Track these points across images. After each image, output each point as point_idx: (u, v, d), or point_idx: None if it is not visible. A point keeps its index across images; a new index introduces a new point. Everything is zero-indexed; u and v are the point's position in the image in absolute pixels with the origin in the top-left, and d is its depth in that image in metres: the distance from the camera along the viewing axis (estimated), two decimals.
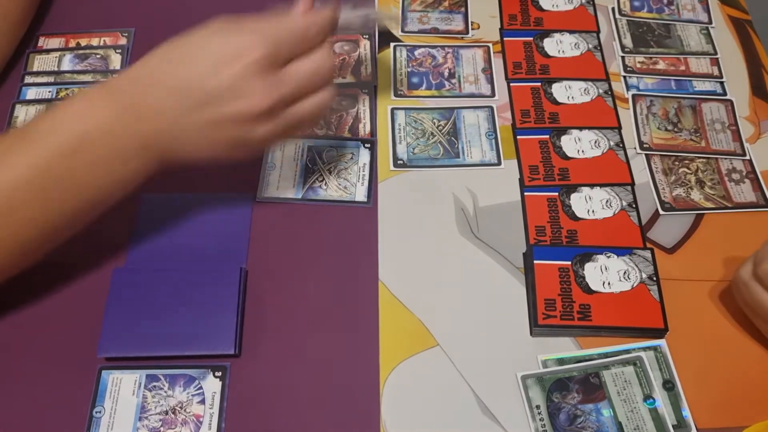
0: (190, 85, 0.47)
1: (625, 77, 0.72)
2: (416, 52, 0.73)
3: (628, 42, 0.74)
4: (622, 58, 0.73)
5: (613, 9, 0.77)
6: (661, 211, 0.62)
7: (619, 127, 0.67)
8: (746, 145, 0.67)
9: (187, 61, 0.47)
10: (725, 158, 0.66)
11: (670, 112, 0.69)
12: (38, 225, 0.48)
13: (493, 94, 0.70)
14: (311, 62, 0.49)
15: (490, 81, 0.71)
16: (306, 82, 0.50)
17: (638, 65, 0.72)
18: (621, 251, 0.59)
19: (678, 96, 0.70)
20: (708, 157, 0.66)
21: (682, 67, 0.72)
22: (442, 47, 0.74)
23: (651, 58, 0.73)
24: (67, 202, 0.48)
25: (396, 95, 0.70)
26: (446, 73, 0.72)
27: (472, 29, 0.75)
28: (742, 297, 0.53)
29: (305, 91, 0.50)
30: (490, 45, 0.74)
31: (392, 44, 0.74)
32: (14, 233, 0.47)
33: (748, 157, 0.66)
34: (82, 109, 0.47)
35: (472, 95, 0.70)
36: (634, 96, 0.70)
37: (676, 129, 0.68)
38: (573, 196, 0.62)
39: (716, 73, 0.72)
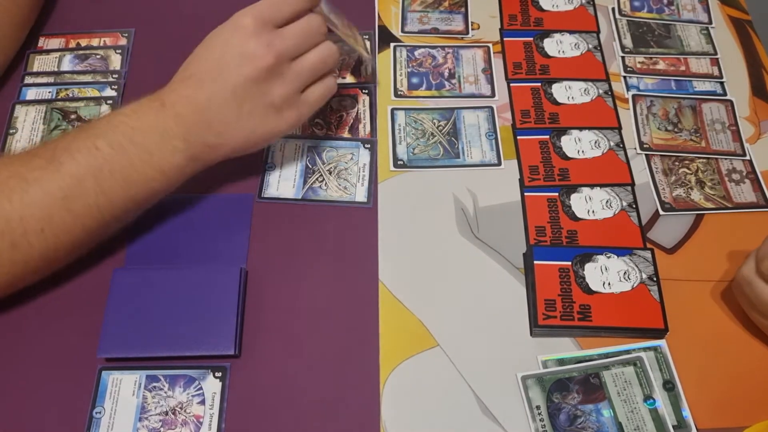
0: (207, 69, 0.54)
1: (625, 77, 0.72)
2: (416, 53, 0.73)
3: (628, 42, 0.74)
4: (622, 58, 0.73)
5: (613, 9, 0.77)
6: (661, 212, 0.62)
7: (619, 128, 0.67)
8: (746, 145, 0.67)
9: (203, 54, 0.56)
10: (725, 158, 0.66)
11: (670, 113, 0.69)
12: (96, 214, 0.52)
13: (493, 95, 0.70)
14: (303, 21, 0.56)
15: (490, 81, 0.71)
16: (300, 35, 0.56)
17: (638, 65, 0.72)
18: (621, 251, 0.59)
19: (678, 96, 0.70)
20: (708, 158, 0.66)
21: (682, 68, 0.72)
22: (442, 47, 0.74)
23: (651, 58, 0.73)
24: (119, 192, 0.53)
25: (396, 95, 0.70)
26: (446, 74, 0.72)
27: (472, 29, 0.75)
28: (745, 295, 0.53)
29: (302, 44, 0.56)
30: (490, 45, 0.74)
31: (392, 44, 0.74)
32: (79, 220, 0.52)
33: (748, 158, 0.66)
34: (134, 109, 0.54)
35: (472, 95, 0.70)
36: (634, 96, 0.70)
37: (676, 129, 0.68)
38: (573, 196, 0.62)
39: (716, 73, 0.72)
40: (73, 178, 0.51)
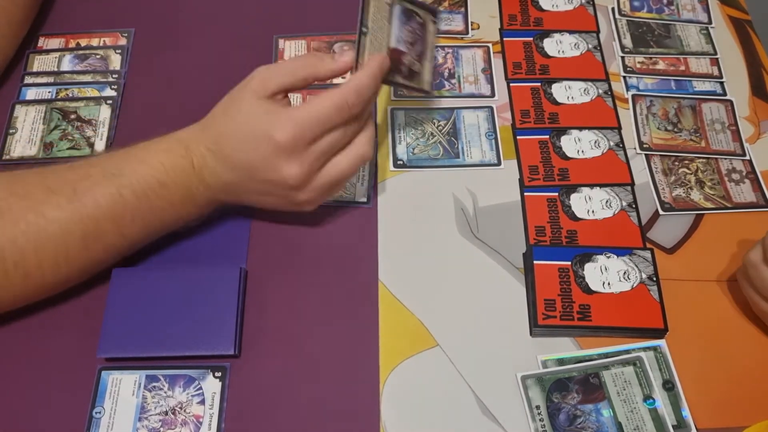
0: (239, 161, 0.53)
1: (624, 77, 0.72)
2: None
3: (627, 42, 0.74)
4: (622, 58, 0.73)
5: (612, 9, 0.77)
6: (660, 212, 0.62)
7: (619, 128, 0.67)
8: (746, 145, 0.67)
9: (233, 139, 0.53)
10: (725, 158, 0.66)
11: (670, 113, 0.69)
12: (111, 250, 0.54)
13: (492, 95, 0.70)
14: (340, 131, 0.53)
15: (490, 81, 0.71)
16: (332, 147, 0.53)
17: (638, 65, 0.72)
18: (621, 251, 0.59)
19: (678, 96, 0.70)
20: (708, 158, 0.66)
21: (682, 67, 0.72)
22: (442, 47, 0.74)
23: (651, 58, 0.73)
24: (137, 233, 0.54)
25: (396, 95, 0.70)
26: (446, 74, 0.72)
27: (472, 29, 0.75)
28: (751, 281, 0.53)
29: (333, 153, 0.54)
30: (490, 45, 0.74)
31: None
32: (92, 257, 0.53)
33: (747, 157, 0.66)
34: (164, 162, 0.53)
35: (471, 95, 0.70)
36: (633, 96, 0.70)
37: (675, 129, 0.68)
38: (573, 196, 0.62)
39: (716, 73, 0.72)
40: (93, 221, 0.51)
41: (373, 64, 0.53)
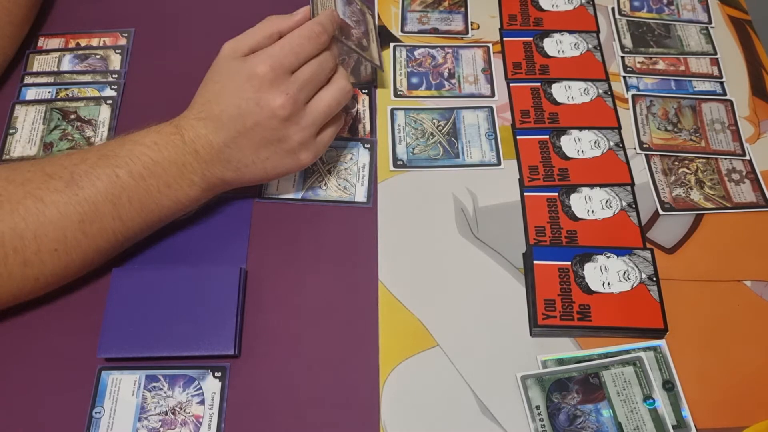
0: (225, 113, 0.55)
1: (624, 77, 0.72)
2: (416, 53, 0.73)
3: (627, 42, 0.74)
4: (622, 58, 0.73)
5: (612, 9, 0.77)
6: (660, 212, 0.62)
7: (619, 128, 0.67)
8: (746, 145, 0.67)
9: (218, 95, 0.56)
10: (725, 158, 0.66)
11: (670, 113, 0.69)
12: (110, 236, 0.54)
13: (492, 95, 0.70)
14: (315, 62, 0.57)
15: (490, 81, 0.71)
16: (315, 78, 0.57)
17: (638, 65, 0.72)
18: (621, 251, 0.59)
19: (678, 96, 0.70)
20: (708, 158, 0.66)
21: (682, 67, 0.72)
22: (442, 47, 0.74)
23: (651, 58, 0.73)
24: (135, 217, 0.54)
25: (396, 95, 0.70)
26: (446, 74, 0.72)
27: (472, 29, 0.75)
28: None
29: (317, 86, 0.57)
30: (490, 45, 0.74)
31: (392, 44, 0.74)
32: (93, 242, 0.53)
33: (747, 157, 0.66)
34: (155, 141, 0.54)
35: (471, 95, 0.70)
36: (633, 96, 0.70)
37: (675, 129, 0.68)
38: (573, 196, 0.62)
39: (716, 73, 0.72)
40: (90, 203, 0.52)
41: (327, 11, 0.59)
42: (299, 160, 0.58)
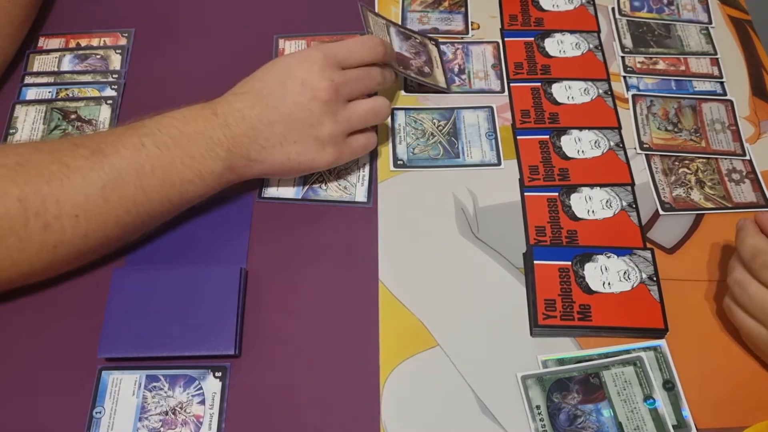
0: (266, 89, 0.56)
1: (625, 77, 0.72)
2: None
3: (628, 42, 0.74)
4: (622, 58, 0.73)
5: (613, 9, 0.77)
6: (661, 212, 0.62)
7: (619, 127, 0.67)
8: (746, 145, 0.67)
9: (265, 75, 0.58)
10: (725, 158, 0.66)
11: (670, 112, 0.69)
12: (131, 207, 0.53)
13: (502, 90, 0.70)
14: (365, 69, 0.60)
15: (500, 77, 0.71)
16: (362, 80, 0.59)
17: (638, 65, 0.72)
18: (621, 251, 0.59)
19: (678, 96, 0.70)
20: (708, 157, 0.66)
21: (682, 67, 0.72)
22: (452, 43, 0.74)
23: (651, 58, 0.73)
24: (157, 190, 0.54)
25: (407, 91, 0.70)
26: (456, 69, 0.72)
27: (472, 29, 0.75)
28: (738, 301, 0.52)
29: (361, 89, 0.60)
30: (499, 41, 0.74)
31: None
32: (113, 210, 0.53)
33: (748, 157, 0.66)
34: (184, 114, 0.55)
35: (482, 91, 0.70)
36: (634, 96, 0.70)
37: (676, 129, 0.68)
38: (573, 196, 0.62)
39: (716, 73, 0.72)
40: (114, 169, 0.52)
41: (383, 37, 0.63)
42: (323, 154, 0.58)
